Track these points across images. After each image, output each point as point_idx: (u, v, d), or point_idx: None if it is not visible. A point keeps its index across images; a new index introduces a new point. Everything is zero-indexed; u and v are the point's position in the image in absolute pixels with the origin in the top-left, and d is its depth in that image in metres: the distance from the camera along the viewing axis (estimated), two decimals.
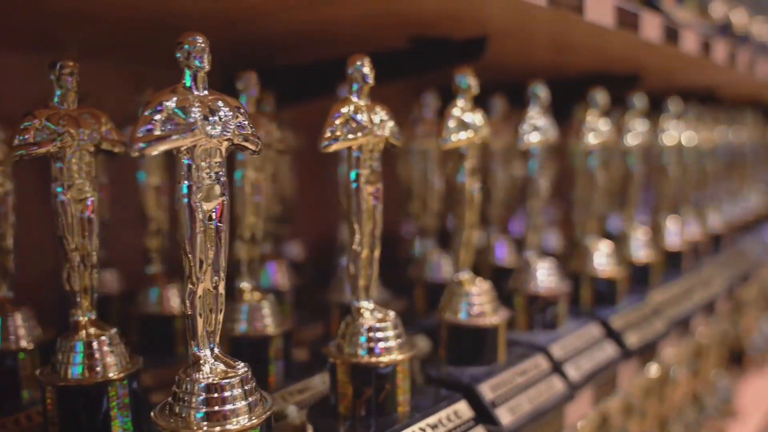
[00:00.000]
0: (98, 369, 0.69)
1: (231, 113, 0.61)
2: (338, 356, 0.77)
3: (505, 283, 1.12)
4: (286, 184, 1.33)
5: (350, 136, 0.73)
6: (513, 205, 1.47)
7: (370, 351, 0.77)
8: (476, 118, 0.92)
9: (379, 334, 0.77)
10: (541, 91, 1.09)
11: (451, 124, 0.90)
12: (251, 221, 0.90)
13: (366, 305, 0.79)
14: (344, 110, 0.74)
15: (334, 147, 0.73)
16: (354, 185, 0.76)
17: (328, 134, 0.73)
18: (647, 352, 1.25)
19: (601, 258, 1.25)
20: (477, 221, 0.95)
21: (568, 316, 1.16)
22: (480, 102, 1.50)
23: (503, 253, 1.36)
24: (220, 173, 0.61)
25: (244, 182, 0.89)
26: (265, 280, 1.14)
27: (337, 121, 0.73)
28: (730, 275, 1.79)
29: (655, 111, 1.64)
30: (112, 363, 0.70)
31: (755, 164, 2.55)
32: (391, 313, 0.80)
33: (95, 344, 0.70)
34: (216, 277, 0.62)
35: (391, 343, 0.77)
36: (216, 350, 0.64)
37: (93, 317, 0.72)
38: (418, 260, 1.25)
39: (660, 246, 1.56)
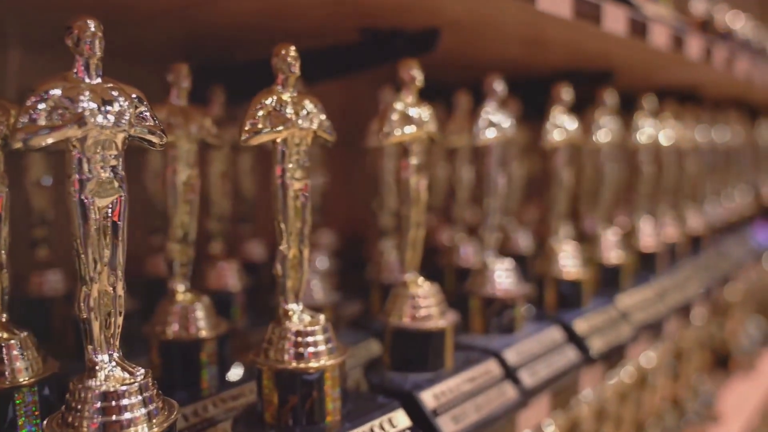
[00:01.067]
0: (6, 374, 0.66)
1: (127, 103, 0.58)
2: (264, 362, 0.73)
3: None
4: (246, 183, 1.30)
5: (276, 129, 0.70)
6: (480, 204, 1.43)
7: (298, 356, 0.72)
8: (422, 112, 0.88)
9: (308, 339, 0.73)
10: (499, 86, 1.05)
11: (394, 117, 0.85)
12: (184, 220, 0.85)
13: (294, 308, 0.75)
14: (267, 101, 0.70)
15: (255, 140, 0.70)
16: (279, 181, 0.72)
17: (248, 126, 0.69)
18: (613, 357, 1.21)
19: (566, 259, 1.20)
20: (423, 220, 0.91)
21: (528, 320, 1.11)
22: (445, 98, 1.48)
23: (468, 254, 1.31)
24: (117, 167, 0.58)
25: (176, 179, 0.84)
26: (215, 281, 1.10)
27: (260, 113, 0.69)
28: (708, 278, 1.74)
29: (632, 109, 1.60)
30: (21, 368, 0.67)
31: (739, 165, 2.50)
32: (321, 317, 0.76)
33: (3, 349, 0.67)
34: (113, 277, 0.59)
35: (320, 348, 0.73)
36: (116, 355, 0.60)
37: (3, 320, 0.70)
38: (375, 261, 1.21)
39: (633, 247, 1.52)
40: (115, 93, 0.57)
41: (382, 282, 1.17)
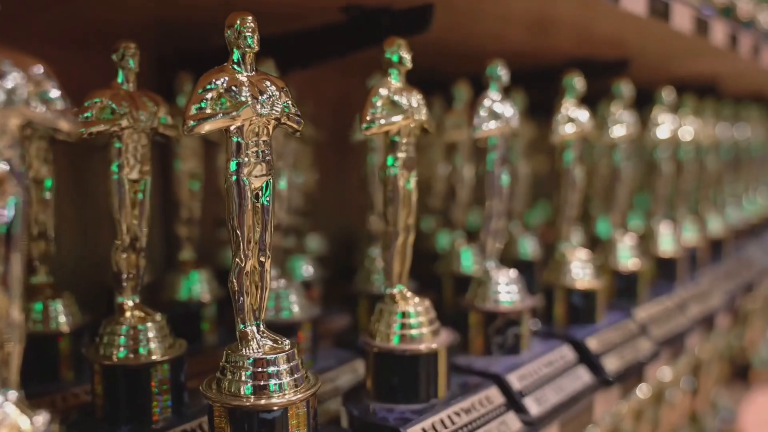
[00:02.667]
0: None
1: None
2: (216, 397, 0.60)
3: None
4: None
5: (229, 115, 0.60)
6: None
7: (256, 390, 0.60)
8: (411, 98, 0.75)
9: (269, 369, 0.61)
10: (501, 71, 0.92)
11: (379, 103, 0.73)
12: (131, 225, 0.73)
13: (252, 331, 0.63)
14: (218, 82, 0.59)
15: (201, 128, 0.59)
16: (233, 178, 0.60)
17: (193, 112, 0.58)
18: (631, 377, 1.08)
19: (578, 268, 1.07)
20: (414, 224, 0.78)
21: (535, 338, 0.99)
22: (443, 91, 1.36)
23: (469, 261, 1.19)
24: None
25: (122, 177, 0.72)
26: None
27: (208, 96, 0.58)
28: (732, 286, 1.61)
29: (648, 103, 1.47)
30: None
31: (761, 163, 2.36)
32: (286, 342, 0.63)
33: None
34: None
35: (284, 380, 0.61)
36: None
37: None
38: (365, 269, 1.08)
39: (650, 253, 1.39)
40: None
41: (372, 293, 1.04)
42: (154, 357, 0.71)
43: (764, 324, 2.32)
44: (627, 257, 1.24)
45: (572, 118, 1.05)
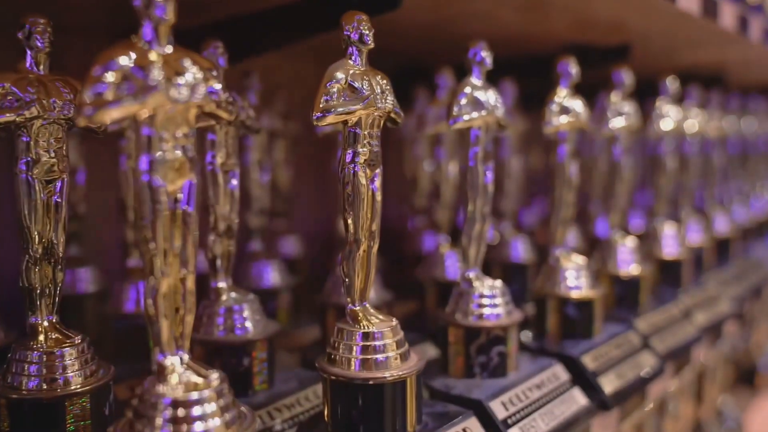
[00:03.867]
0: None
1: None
2: None
3: None
4: None
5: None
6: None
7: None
8: (375, 83, 0.64)
9: (195, 411, 0.50)
10: (485, 54, 0.81)
11: (334, 89, 0.62)
12: (42, 233, 0.62)
13: (173, 362, 0.52)
14: (122, 61, 0.48)
15: (102, 117, 0.47)
16: (138, 178, 0.49)
17: (90, 98, 0.47)
18: (632, 397, 0.97)
19: (574, 275, 0.96)
20: (379, 230, 0.67)
21: (524, 355, 0.88)
22: (427, 80, 1.25)
23: (455, 267, 1.08)
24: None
25: (32, 174, 0.61)
26: None
27: (109, 78, 0.47)
28: (740, 290, 1.50)
29: (649, 95, 1.36)
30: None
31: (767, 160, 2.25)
32: (214, 376, 0.52)
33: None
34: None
35: (211, 423, 0.50)
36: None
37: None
38: (334, 277, 0.97)
39: (653, 255, 1.28)
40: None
41: (342, 304, 0.93)
42: (72, 387, 0.61)
43: None
44: (628, 261, 1.12)
45: (566, 107, 0.94)
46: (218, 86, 0.52)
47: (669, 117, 1.29)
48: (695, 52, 1.49)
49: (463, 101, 0.79)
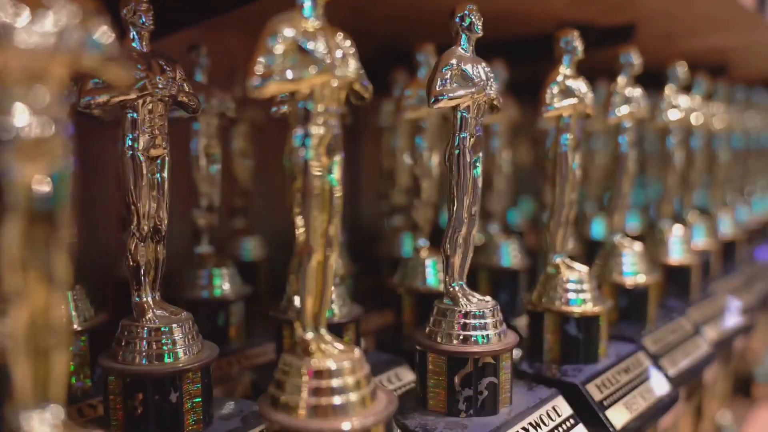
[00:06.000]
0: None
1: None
2: None
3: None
4: None
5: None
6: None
7: None
8: (325, 47, 0.49)
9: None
10: (473, 17, 0.66)
11: (263, 59, 0.47)
12: None
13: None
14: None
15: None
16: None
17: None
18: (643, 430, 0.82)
19: (576, 287, 0.82)
20: (337, 235, 0.52)
21: (518, 383, 0.73)
22: (407, 62, 1.10)
23: (437, 275, 0.93)
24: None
25: None
26: None
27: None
28: (750, 299, 1.36)
29: (652, 85, 1.22)
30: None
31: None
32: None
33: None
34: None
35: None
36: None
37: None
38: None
39: (659, 261, 1.14)
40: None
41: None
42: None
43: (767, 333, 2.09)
44: (634, 270, 0.98)
45: (569, 88, 0.79)
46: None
47: (678, 107, 1.15)
48: (699, 38, 1.35)
49: (448, 75, 0.64)
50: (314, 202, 0.50)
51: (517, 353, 0.84)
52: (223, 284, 0.90)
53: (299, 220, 0.51)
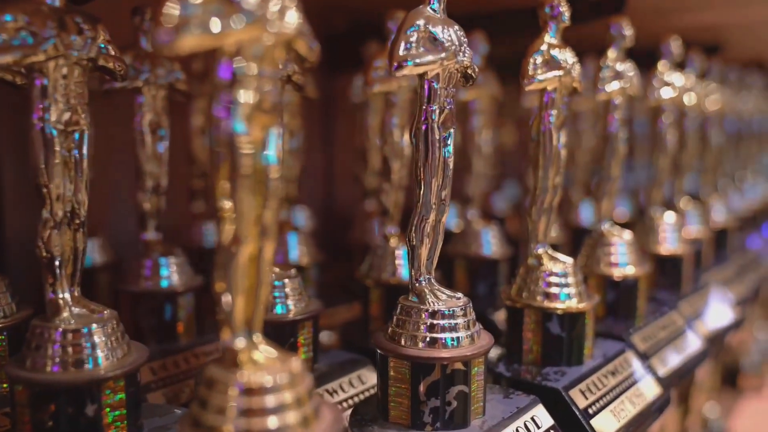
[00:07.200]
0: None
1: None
2: None
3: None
4: None
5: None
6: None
7: None
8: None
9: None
10: None
11: (176, 7, 0.38)
12: None
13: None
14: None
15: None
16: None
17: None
18: None
19: (560, 281, 0.73)
20: (275, 228, 0.44)
21: (493, 390, 0.65)
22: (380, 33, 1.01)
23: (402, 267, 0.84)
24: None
25: None
26: None
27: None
28: (742, 291, 1.29)
29: (646, 61, 1.14)
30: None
31: (761, 141, 2.05)
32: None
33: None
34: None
35: None
36: None
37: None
38: None
39: (650, 250, 1.06)
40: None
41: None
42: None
43: (755, 324, 2.04)
44: (622, 260, 0.90)
45: (554, 59, 0.71)
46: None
47: (672, 84, 1.07)
48: (693, 14, 1.27)
49: (414, 38, 0.55)
50: (244, 184, 0.42)
51: (496, 353, 0.76)
52: (171, 274, 0.81)
53: (225, 205, 0.42)
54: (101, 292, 0.91)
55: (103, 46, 0.55)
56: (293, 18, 0.43)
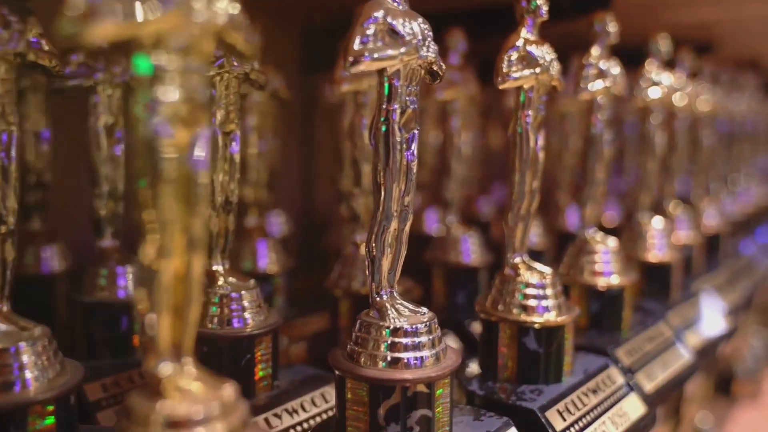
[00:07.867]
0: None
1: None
2: None
3: None
4: None
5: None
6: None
7: None
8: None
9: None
10: None
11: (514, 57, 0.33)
12: None
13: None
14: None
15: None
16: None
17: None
18: None
19: (538, 293, 0.69)
20: (206, 222, 0.39)
21: (462, 411, 0.60)
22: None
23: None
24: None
25: None
26: None
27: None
28: (734, 298, 1.25)
29: (634, 61, 1.10)
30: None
31: (754, 143, 2.01)
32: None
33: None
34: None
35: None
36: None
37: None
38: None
39: (637, 258, 1.02)
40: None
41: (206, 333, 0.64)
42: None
43: (749, 330, 1.99)
44: (608, 269, 0.86)
45: (531, 55, 0.66)
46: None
47: (660, 84, 1.03)
48: (683, 10, 1.23)
49: (371, 31, 0.51)
50: (167, 191, 0.37)
51: (473, 369, 0.72)
52: (128, 284, 0.76)
53: (147, 215, 0.37)
54: (59, 302, 0.87)
55: (35, 40, 0.51)
56: (223, 7, 0.38)
